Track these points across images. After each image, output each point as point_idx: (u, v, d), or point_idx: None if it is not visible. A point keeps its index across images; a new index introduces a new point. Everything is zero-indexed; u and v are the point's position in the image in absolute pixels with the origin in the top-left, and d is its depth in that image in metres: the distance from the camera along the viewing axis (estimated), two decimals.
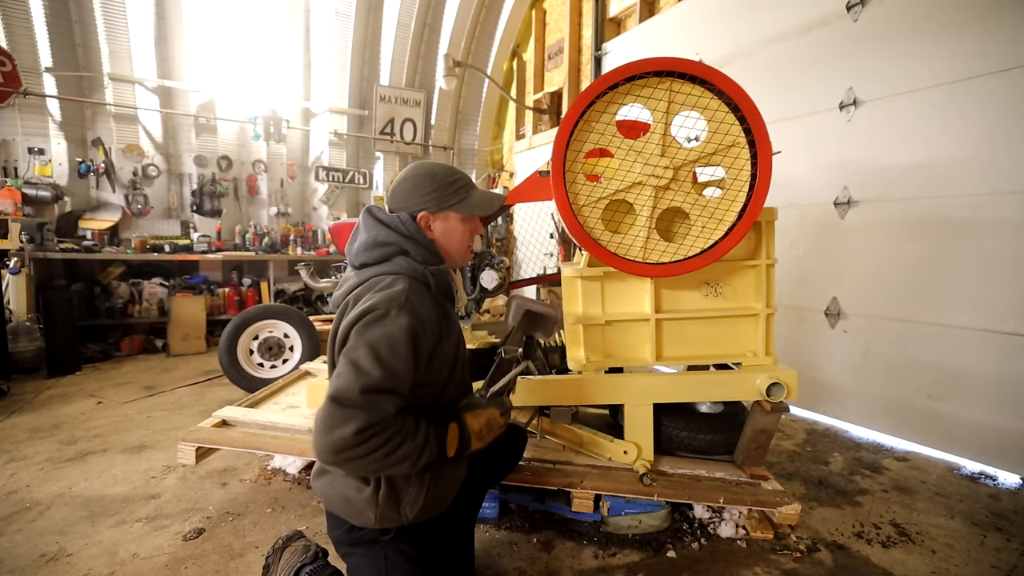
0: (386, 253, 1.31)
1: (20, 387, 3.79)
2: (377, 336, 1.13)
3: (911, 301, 2.81)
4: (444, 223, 1.37)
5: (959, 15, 2.58)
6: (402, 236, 1.31)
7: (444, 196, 1.35)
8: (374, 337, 1.13)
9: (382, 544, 1.28)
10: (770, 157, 1.71)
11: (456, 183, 1.37)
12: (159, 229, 5.64)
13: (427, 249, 1.33)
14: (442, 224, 1.37)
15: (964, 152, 2.59)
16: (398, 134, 6.72)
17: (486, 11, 6.55)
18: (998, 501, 2.26)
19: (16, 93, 4.69)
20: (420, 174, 1.36)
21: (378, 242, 1.31)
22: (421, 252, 1.32)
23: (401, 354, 1.13)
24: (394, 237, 1.31)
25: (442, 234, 1.37)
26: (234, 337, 3.63)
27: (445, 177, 1.36)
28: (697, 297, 1.96)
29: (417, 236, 1.32)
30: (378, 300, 1.18)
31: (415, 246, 1.32)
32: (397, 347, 1.13)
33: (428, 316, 1.22)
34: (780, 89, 3.39)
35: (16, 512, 2.11)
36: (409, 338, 1.15)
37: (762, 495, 1.86)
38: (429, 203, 1.34)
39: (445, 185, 1.35)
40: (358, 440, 1.05)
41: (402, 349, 1.14)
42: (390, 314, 1.15)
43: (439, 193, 1.34)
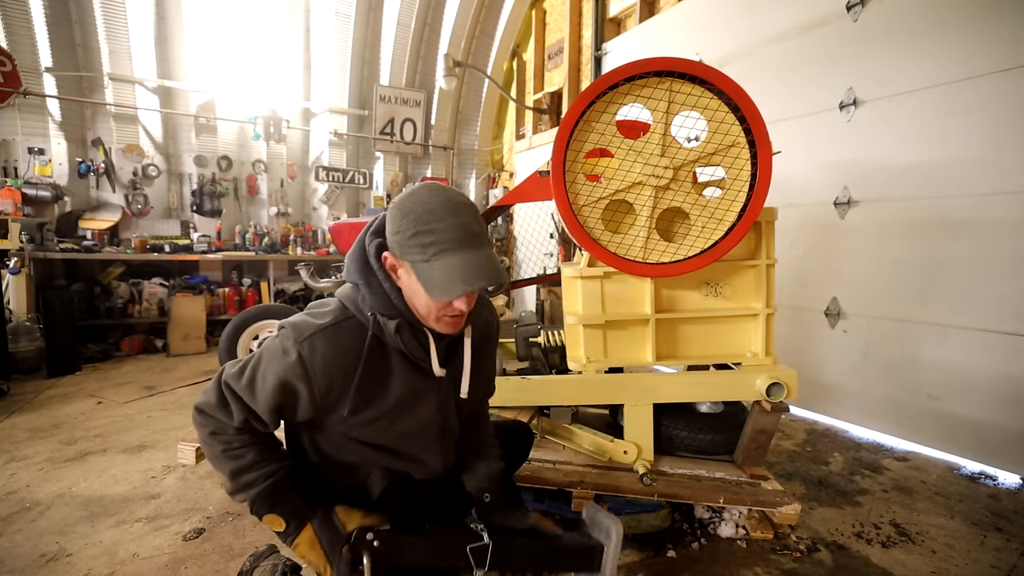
0: (350, 278, 1.14)
1: (20, 387, 3.79)
2: (261, 355, 1.10)
3: (911, 301, 2.81)
4: (407, 276, 1.05)
5: (959, 15, 2.58)
6: (364, 267, 1.10)
7: (404, 244, 1.02)
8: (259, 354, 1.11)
9: None
10: (770, 157, 1.71)
11: (425, 236, 0.99)
12: (159, 229, 5.64)
13: (384, 295, 1.08)
14: (405, 276, 1.06)
15: (964, 152, 2.59)
16: (398, 134, 6.72)
17: (486, 11, 6.55)
18: (998, 501, 2.26)
19: (16, 93, 4.69)
20: (400, 201, 1.06)
21: (349, 263, 1.14)
22: (376, 297, 1.08)
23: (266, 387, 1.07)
24: (355, 265, 1.11)
25: (407, 287, 1.07)
26: (234, 337, 3.64)
27: (416, 223, 1.00)
28: (697, 297, 1.96)
29: (378, 273, 1.08)
30: (294, 322, 1.11)
31: (371, 287, 1.09)
32: (266, 378, 1.07)
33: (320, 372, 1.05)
34: (780, 89, 3.39)
35: (16, 512, 2.11)
36: (281, 375, 1.06)
37: (762, 495, 1.86)
38: (392, 243, 1.05)
39: (411, 233, 1.00)
40: (196, 412, 1.13)
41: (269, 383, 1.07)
42: (286, 342, 1.06)
43: (401, 238, 1.02)
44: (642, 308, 1.94)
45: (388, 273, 1.08)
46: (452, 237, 1.00)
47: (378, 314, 1.08)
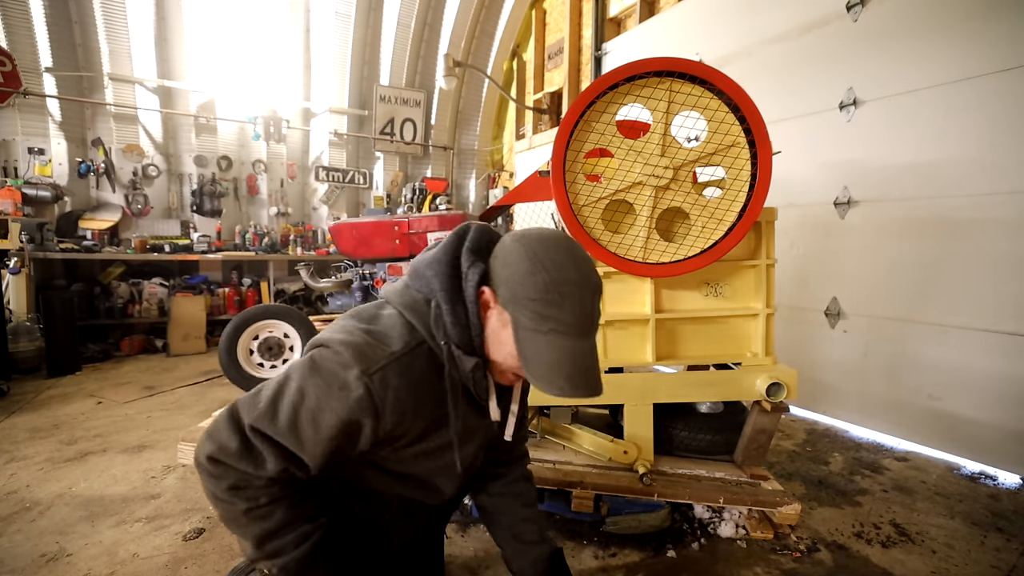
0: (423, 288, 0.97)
1: (20, 387, 3.79)
2: (313, 386, 0.89)
3: (911, 301, 2.82)
4: (498, 323, 0.93)
5: (959, 15, 2.58)
6: (450, 286, 0.93)
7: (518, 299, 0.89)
8: (309, 385, 0.89)
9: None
10: (770, 157, 1.71)
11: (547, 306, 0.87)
12: (159, 229, 5.64)
13: (468, 334, 0.94)
14: (498, 324, 0.93)
15: (964, 152, 2.59)
16: (398, 134, 6.72)
17: (486, 11, 6.55)
18: (998, 501, 2.26)
19: (16, 93, 4.69)
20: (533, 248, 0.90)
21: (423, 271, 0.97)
22: (460, 331, 0.94)
23: (322, 427, 0.88)
24: (440, 283, 0.94)
25: (493, 333, 0.94)
26: (234, 337, 3.63)
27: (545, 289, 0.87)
28: (697, 297, 1.96)
29: (469, 304, 0.93)
30: (354, 343, 0.90)
31: (458, 323, 0.93)
32: (323, 417, 0.88)
33: (392, 412, 0.91)
34: (780, 89, 3.39)
35: (16, 512, 2.11)
36: (344, 414, 0.88)
37: (762, 495, 1.86)
38: (502, 287, 0.91)
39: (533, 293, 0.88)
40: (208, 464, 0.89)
41: (327, 423, 0.88)
42: (348, 373, 0.87)
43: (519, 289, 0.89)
44: (642, 308, 1.94)
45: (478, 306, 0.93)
46: (573, 323, 0.89)
47: (453, 346, 0.93)
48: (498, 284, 0.92)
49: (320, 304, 6.29)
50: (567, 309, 0.87)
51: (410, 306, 0.96)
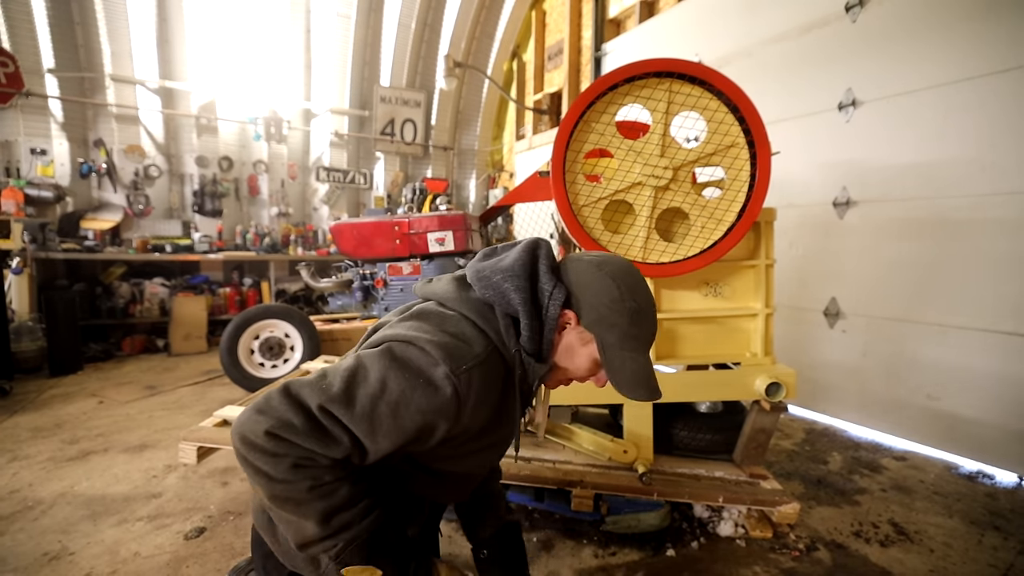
0: (494, 298, 0.99)
1: (22, 387, 3.80)
2: (396, 379, 0.86)
3: (910, 301, 2.82)
4: (577, 341, 1.01)
5: (958, 16, 2.59)
6: (532, 306, 0.97)
7: (606, 323, 0.98)
8: (392, 377, 0.87)
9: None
10: (769, 157, 1.72)
11: (634, 328, 0.99)
12: (160, 229, 5.65)
13: (540, 339, 0.99)
14: (575, 339, 1.01)
15: (963, 153, 2.60)
16: (398, 134, 6.74)
17: (486, 12, 6.56)
18: (996, 500, 2.27)
19: (18, 94, 4.71)
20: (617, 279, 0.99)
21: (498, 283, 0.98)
22: (533, 344, 0.98)
23: (402, 422, 0.87)
24: (520, 298, 0.97)
25: (567, 348, 1.02)
26: (235, 337, 3.65)
27: (632, 316, 0.98)
28: (697, 297, 1.97)
29: (548, 321, 0.99)
30: (440, 341, 0.90)
31: (534, 336, 0.98)
32: (406, 413, 0.86)
33: (477, 407, 0.92)
34: (779, 90, 3.40)
35: (19, 511, 2.12)
36: (429, 412, 0.87)
37: (761, 494, 1.86)
38: (587, 311, 0.99)
39: (622, 319, 0.98)
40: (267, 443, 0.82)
41: (410, 419, 0.87)
42: (437, 371, 0.87)
43: (607, 314, 0.98)
44: None
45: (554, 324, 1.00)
46: (646, 343, 1.04)
47: (524, 353, 0.98)
48: (580, 307, 1.00)
49: (321, 304, 6.30)
50: (646, 332, 1.02)
51: (479, 312, 0.99)
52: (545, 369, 1.01)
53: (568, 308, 1.00)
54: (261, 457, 0.83)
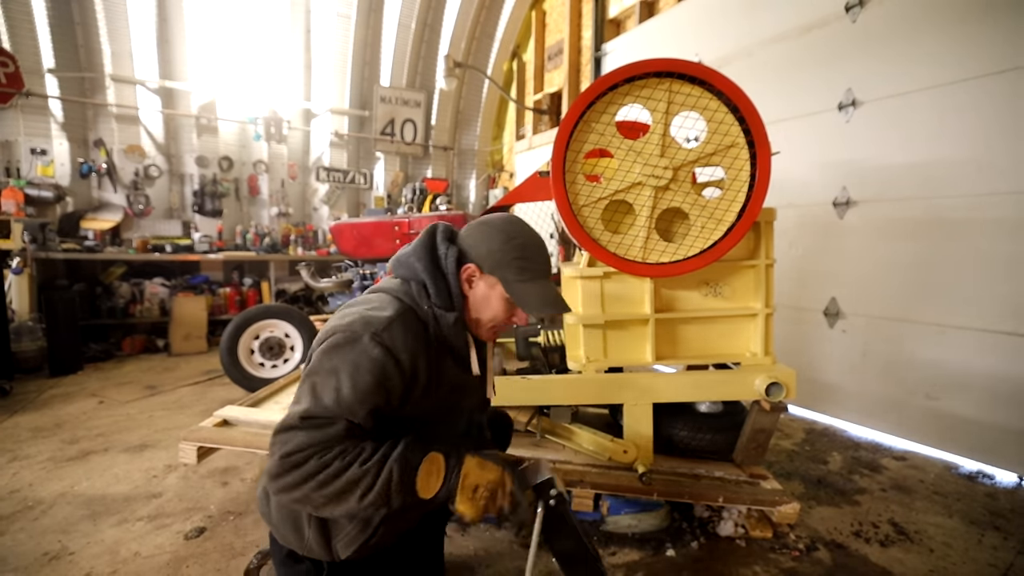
0: (407, 275, 1.19)
1: (22, 386, 3.80)
2: (339, 362, 1.02)
3: (909, 301, 2.82)
4: (487, 288, 1.18)
5: (957, 17, 2.59)
6: (432, 267, 1.16)
7: (502, 262, 1.16)
8: (336, 363, 1.02)
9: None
10: (769, 157, 1.72)
11: (525, 259, 1.17)
12: (160, 229, 5.65)
13: (447, 295, 1.16)
14: (484, 288, 1.18)
15: (962, 153, 2.60)
16: (398, 135, 6.74)
17: (486, 12, 6.56)
18: (996, 500, 2.27)
19: (19, 94, 4.71)
20: (499, 228, 1.19)
21: (409, 261, 1.19)
22: (440, 294, 1.15)
23: (361, 387, 1.01)
24: (423, 265, 1.16)
25: (480, 298, 1.19)
26: (235, 337, 3.65)
27: (519, 248, 1.17)
28: (696, 297, 1.97)
29: (449, 278, 1.17)
30: (355, 320, 1.06)
31: (437, 286, 1.15)
32: (359, 378, 1.01)
33: (406, 355, 1.07)
34: (779, 90, 3.40)
35: (19, 511, 2.12)
36: (375, 371, 1.02)
37: (761, 494, 1.86)
38: (484, 259, 1.17)
39: (512, 254, 1.16)
40: (284, 465, 0.96)
41: (364, 382, 1.01)
42: (361, 340, 1.03)
43: (500, 256, 1.16)
44: (642, 308, 1.95)
45: (458, 278, 1.18)
46: (543, 269, 1.21)
47: (435, 308, 1.15)
48: (479, 259, 1.17)
49: (321, 304, 6.30)
50: (538, 261, 1.20)
51: (392, 288, 1.18)
52: (455, 316, 1.16)
53: (468, 263, 1.17)
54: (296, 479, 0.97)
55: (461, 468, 1.06)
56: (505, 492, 1.06)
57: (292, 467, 0.97)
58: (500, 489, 1.06)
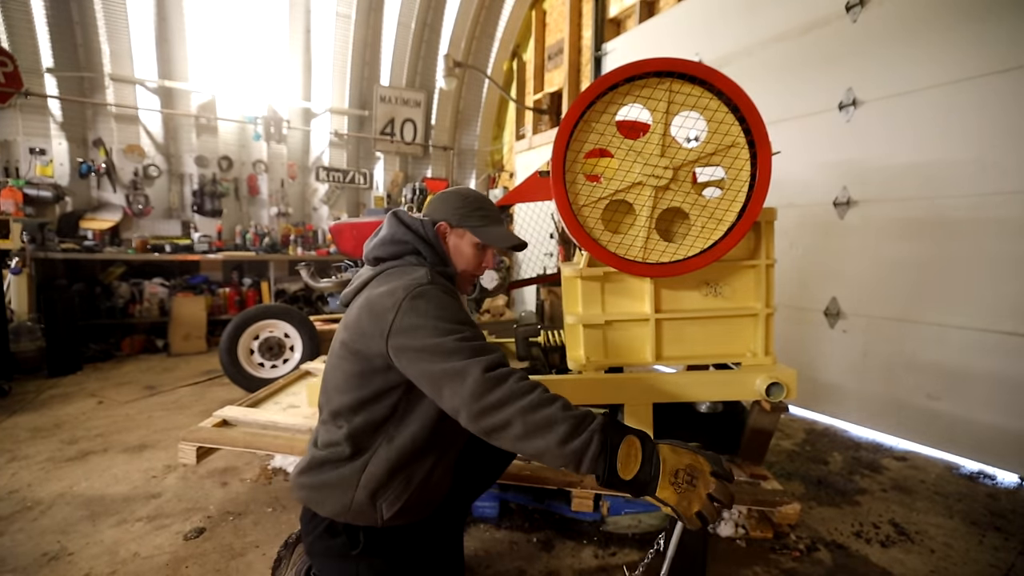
0: (400, 250, 1.34)
1: (21, 387, 3.79)
2: (428, 307, 1.12)
3: (910, 301, 2.82)
4: (457, 239, 1.40)
5: (958, 16, 2.59)
6: (418, 237, 1.35)
7: (466, 215, 1.39)
8: (426, 309, 1.12)
9: (352, 559, 1.22)
10: (770, 157, 1.72)
11: (483, 210, 1.41)
12: (160, 229, 5.65)
13: (438, 254, 1.37)
14: (455, 240, 1.40)
15: (963, 152, 2.59)
16: (398, 134, 6.73)
17: (486, 12, 6.56)
18: (997, 500, 2.26)
19: (17, 93, 4.69)
20: (455, 192, 1.43)
21: (396, 239, 1.35)
22: (432, 255, 1.35)
23: (460, 311, 1.15)
24: (410, 236, 1.34)
25: (453, 249, 1.40)
26: (235, 337, 3.64)
27: (475, 201, 1.41)
28: (697, 297, 1.97)
29: (433, 241, 1.36)
30: (405, 283, 1.19)
31: (428, 248, 1.35)
32: (450, 305, 1.15)
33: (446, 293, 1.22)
34: (780, 89, 3.40)
35: (18, 511, 2.12)
36: (454, 299, 1.18)
37: (761, 494, 1.86)
38: (451, 216, 1.38)
39: (472, 207, 1.39)
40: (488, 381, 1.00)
41: (456, 306, 1.16)
42: (425, 288, 1.16)
43: (463, 211, 1.39)
44: (642, 308, 1.94)
45: (439, 238, 1.38)
46: (496, 216, 1.44)
47: (437, 268, 1.33)
48: (446, 217, 1.39)
49: (320, 304, 6.29)
50: (491, 209, 1.44)
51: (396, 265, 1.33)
52: (453, 272, 1.38)
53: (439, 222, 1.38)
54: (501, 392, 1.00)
55: (658, 451, 0.98)
56: (706, 478, 0.97)
57: (497, 382, 1.01)
58: (700, 476, 0.97)
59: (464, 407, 1.02)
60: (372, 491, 1.19)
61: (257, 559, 1.80)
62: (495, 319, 5.81)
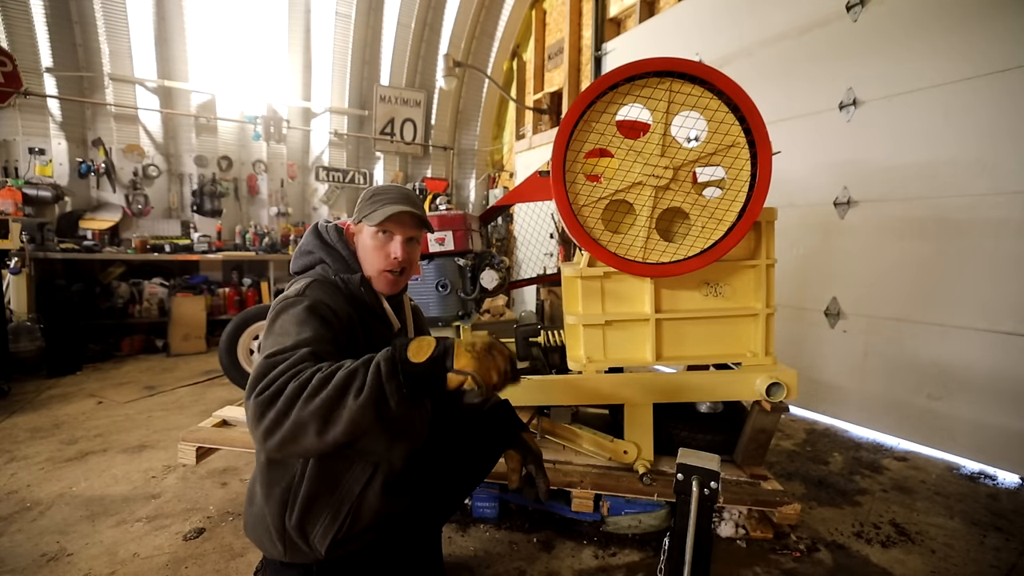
0: (308, 262, 1.35)
1: (21, 387, 3.79)
2: (283, 323, 1.10)
3: (911, 301, 2.82)
4: (359, 235, 1.37)
5: (959, 16, 2.58)
6: (323, 245, 1.35)
7: (361, 208, 1.35)
8: (281, 324, 1.09)
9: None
10: (770, 157, 1.71)
11: (375, 197, 1.34)
12: (159, 229, 5.64)
13: (342, 259, 1.34)
14: (358, 236, 1.37)
15: (964, 152, 2.59)
16: (398, 134, 6.73)
17: (486, 11, 6.55)
18: (997, 501, 2.26)
19: (17, 93, 4.69)
20: (369, 191, 1.39)
21: (303, 251, 1.36)
22: (336, 261, 1.33)
23: (308, 322, 1.08)
24: (315, 245, 1.34)
25: (361, 246, 1.36)
26: (234, 337, 3.62)
27: (369, 193, 1.37)
28: (697, 297, 1.96)
29: (337, 246, 1.35)
30: (278, 301, 1.18)
31: (332, 255, 1.34)
32: (305, 323, 1.08)
33: (331, 303, 1.17)
34: (780, 89, 3.40)
35: (17, 512, 2.11)
36: (313, 310, 1.11)
37: (762, 495, 1.86)
38: (355, 216, 1.38)
39: (367, 199, 1.35)
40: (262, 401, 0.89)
41: (311, 324, 1.08)
42: (291, 302, 1.14)
43: (360, 206, 1.37)
44: (642, 308, 1.94)
45: (347, 242, 1.36)
46: (393, 197, 1.33)
47: (340, 275, 1.29)
48: (354, 217, 1.36)
49: None
50: (386, 191, 1.35)
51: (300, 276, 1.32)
52: (359, 276, 1.29)
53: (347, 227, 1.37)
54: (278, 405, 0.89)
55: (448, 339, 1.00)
56: (501, 348, 1.00)
57: (272, 397, 0.89)
58: (496, 347, 0.99)
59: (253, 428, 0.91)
60: (301, 527, 1.14)
61: (257, 560, 1.79)
62: (495, 319, 5.80)
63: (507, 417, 1.54)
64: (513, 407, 1.58)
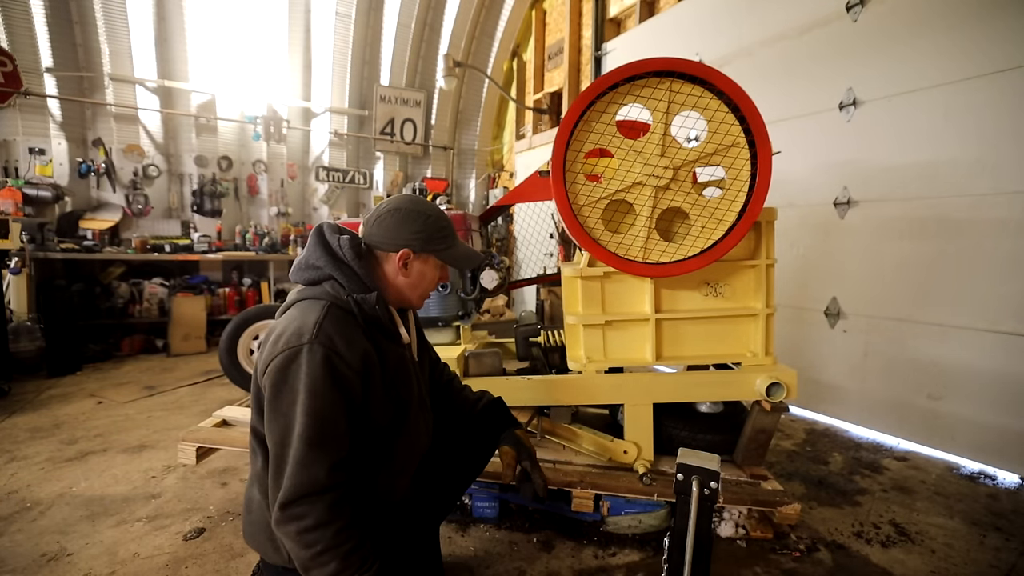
0: (315, 276, 1.23)
1: (21, 387, 3.79)
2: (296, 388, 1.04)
3: (911, 301, 2.82)
4: (423, 265, 1.30)
5: (959, 16, 2.58)
6: (334, 261, 1.22)
7: (431, 239, 1.28)
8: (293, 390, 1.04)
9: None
10: (770, 157, 1.71)
11: (444, 230, 1.31)
12: (159, 229, 5.64)
13: (357, 278, 1.22)
14: (420, 266, 1.29)
15: (964, 152, 2.59)
16: (398, 134, 6.73)
17: (486, 11, 6.55)
18: (997, 501, 2.26)
19: (17, 93, 4.70)
20: (412, 209, 1.28)
21: (309, 264, 1.24)
22: (350, 280, 1.21)
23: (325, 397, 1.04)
24: (325, 262, 1.21)
25: (417, 275, 1.30)
26: (234, 337, 3.62)
27: (437, 221, 1.30)
28: (697, 297, 1.96)
29: (352, 264, 1.22)
30: (286, 335, 1.09)
31: (345, 274, 1.21)
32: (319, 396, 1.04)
33: (349, 347, 1.11)
34: (780, 89, 3.40)
35: (17, 512, 2.11)
36: (330, 374, 1.05)
37: (762, 495, 1.86)
38: (414, 242, 1.26)
39: (435, 229, 1.28)
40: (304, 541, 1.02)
41: (324, 391, 1.04)
42: (302, 353, 1.06)
43: (426, 234, 1.27)
44: (642, 308, 1.94)
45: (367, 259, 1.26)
46: (453, 231, 1.35)
47: (353, 295, 1.20)
48: (408, 243, 1.26)
49: None
50: (451, 228, 1.34)
51: (307, 293, 1.21)
52: (375, 295, 1.21)
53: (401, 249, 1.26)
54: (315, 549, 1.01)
55: None
56: None
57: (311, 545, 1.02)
58: None
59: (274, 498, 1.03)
60: None
61: (257, 560, 1.80)
62: (495, 319, 5.80)
63: (500, 414, 1.56)
64: (506, 405, 1.61)
